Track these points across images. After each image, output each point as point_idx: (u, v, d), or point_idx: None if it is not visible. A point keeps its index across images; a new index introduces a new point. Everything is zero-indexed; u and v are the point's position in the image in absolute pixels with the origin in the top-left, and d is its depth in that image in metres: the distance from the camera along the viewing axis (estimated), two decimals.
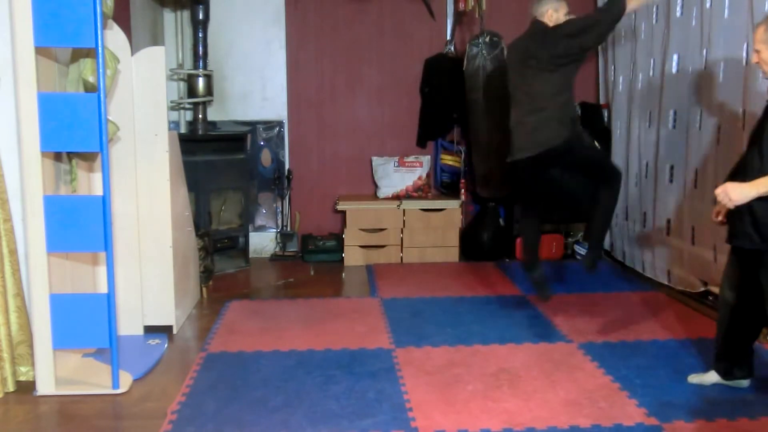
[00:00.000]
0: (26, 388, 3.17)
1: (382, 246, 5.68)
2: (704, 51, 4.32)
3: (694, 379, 3.24)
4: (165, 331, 3.93)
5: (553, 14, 3.78)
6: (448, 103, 5.74)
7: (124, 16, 4.58)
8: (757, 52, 2.80)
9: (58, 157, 3.27)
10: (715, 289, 4.40)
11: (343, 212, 5.73)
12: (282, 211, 6.00)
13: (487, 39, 5.24)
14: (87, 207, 3.04)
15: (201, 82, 5.53)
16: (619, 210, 5.59)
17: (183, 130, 5.70)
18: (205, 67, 5.55)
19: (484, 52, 5.22)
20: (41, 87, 2.97)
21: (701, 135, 4.37)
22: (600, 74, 5.97)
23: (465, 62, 5.32)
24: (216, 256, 5.24)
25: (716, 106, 4.22)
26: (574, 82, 3.78)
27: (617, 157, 5.58)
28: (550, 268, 5.47)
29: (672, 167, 4.74)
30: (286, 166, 5.98)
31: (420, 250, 5.68)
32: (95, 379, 3.24)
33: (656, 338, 3.82)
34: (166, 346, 3.75)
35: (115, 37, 3.58)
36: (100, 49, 2.95)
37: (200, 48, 5.52)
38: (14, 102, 3.10)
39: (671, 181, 4.76)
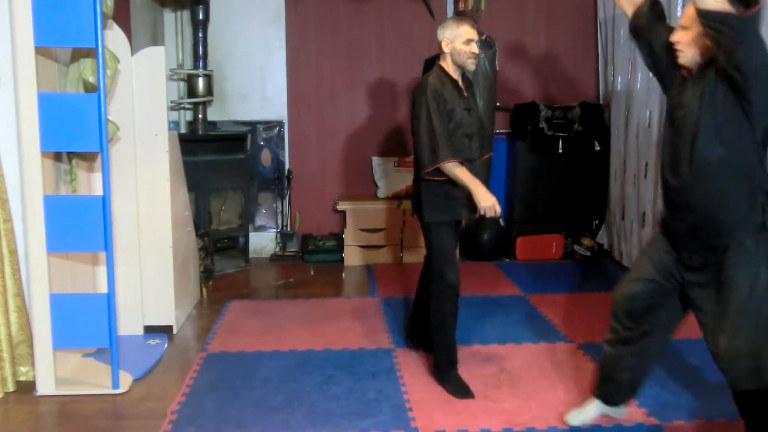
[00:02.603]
0: (26, 388, 3.17)
1: (382, 246, 5.67)
2: None
3: (574, 420, 2.81)
4: (165, 331, 3.93)
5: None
6: None
7: (124, 16, 4.58)
8: (684, 28, 2.34)
9: (58, 157, 3.27)
10: None
11: (343, 212, 5.73)
12: (282, 211, 6.00)
13: (483, 38, 5.22)
14: (87, 207, 3.04)
15: (201, 82, 5.53)
16: (616, 210, 5.60)
17: (183, 130, 5.70)
18: (205, 67, 5.55)
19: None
20: (41, 87, 2.97)
21: None
22: (600, 74, 5.98)
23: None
24: (216, 256, 5.24)
25: None
26: None
27: (615, 157, 5.58)
28: (550, 268, 5.47)
29: None
30: (286, 166, 5.98)
31: (420, 250, 5.66)
32: (95, 379, 3.24)
33: None
34: (166, 346, 3.75)
35: (115, 37, 3.58)
36: (100, 49, 2.95)
37: (200, 48, 5.52)
38: (14, 102, 3.10)
39: None
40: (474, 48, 3.16)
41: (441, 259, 3.20)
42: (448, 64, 3.22)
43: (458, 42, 3.14)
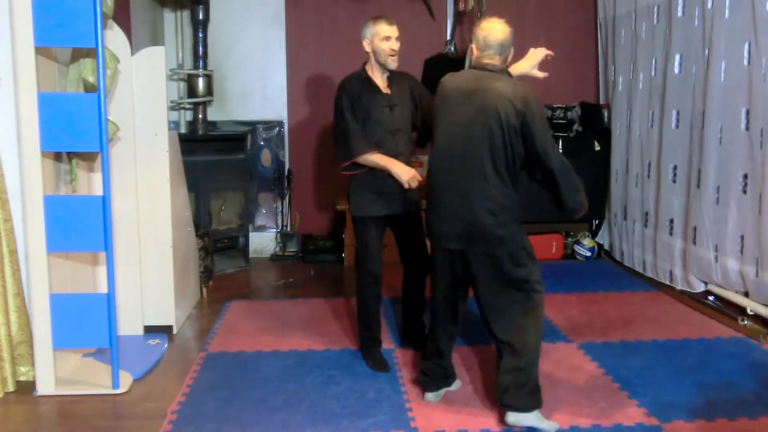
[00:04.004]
0: (26, 388, 3.17)
1: (383, 246, 5.65)
2: (706, 51, 4.32)
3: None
4: (165, 331, 3.92)
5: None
6: None
7: (124, 16, 4.58)
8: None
9: (58, 157, 3.27)
10: (716, 290, 4.40)
11: (343, 212, 5.72)
12: (282, 211, 6.00)
13: None
14: (87, 207, 3.04)
15: (201, 82, 5.53)
16: (618, 210, 5.60)
17: (183, 130, 5.70)
18: (205, 67, 5.55)
19: None
20: (41, 87, 2.97)
21: (704, 135, 4.36)
22: (600, 74, 5.97)
23: (467, 61, 5.34)
24: (216, 256, 5.24)
25: (718, 106, 4.22)
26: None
27: (617, 157, 5.58)
28: (550, 268, 5.46)
29: (675, 167, 4.74)
30: (286, 166, 5.98)
31: None
32: (95, 379, 3.24)
33: (656, 338, 3.82)
34: (166, 346, 3.75)
35: (115, 37, 3.57)
36: (100, 49, 2.95)
37: (200, 48, 5.52)
38: (14, 102, 3.10)
39: (674, 181, 4.76)
40: (393, 44, 3.28)
41: (362, 250, 3.43)
42: (371, 65, 3.38)
43: (376, 40, 3.29)
